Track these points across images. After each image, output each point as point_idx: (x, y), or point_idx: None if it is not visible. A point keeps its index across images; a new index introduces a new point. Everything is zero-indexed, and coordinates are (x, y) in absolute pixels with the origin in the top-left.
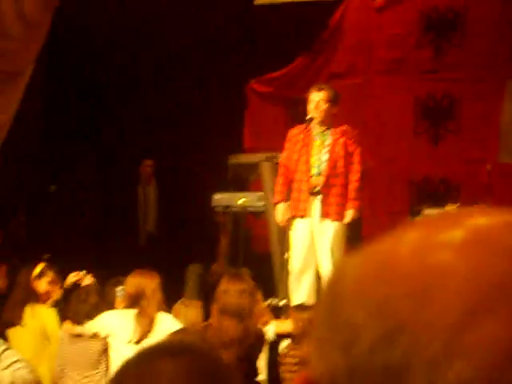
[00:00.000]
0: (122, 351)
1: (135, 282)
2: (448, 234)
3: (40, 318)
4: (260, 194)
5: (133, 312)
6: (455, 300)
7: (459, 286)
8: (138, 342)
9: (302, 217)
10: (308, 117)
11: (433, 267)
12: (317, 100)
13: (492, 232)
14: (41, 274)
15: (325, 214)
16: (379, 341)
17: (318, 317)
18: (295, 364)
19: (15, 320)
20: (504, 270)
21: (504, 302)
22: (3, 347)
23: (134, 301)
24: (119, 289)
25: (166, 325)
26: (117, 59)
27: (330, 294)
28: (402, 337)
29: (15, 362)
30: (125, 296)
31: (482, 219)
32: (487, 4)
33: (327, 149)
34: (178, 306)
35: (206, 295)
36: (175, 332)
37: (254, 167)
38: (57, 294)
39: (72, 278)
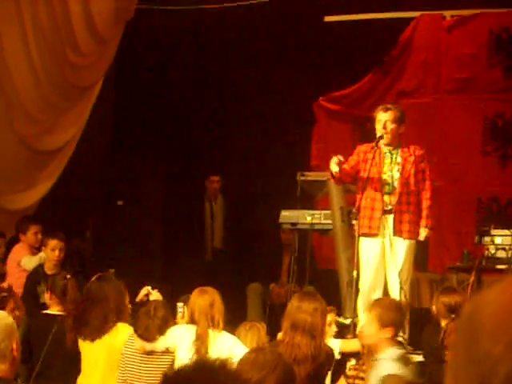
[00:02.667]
0: None
1: (194, 299)
2: None
3: (116, 333)
4: (327, 211)
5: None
6: None
7: None
8: None
9: (374, 235)
10: (378, 135)
11: None
12: (384, 120)
13: None
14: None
15: (398, 232)
16: None
17: (455, 348)
18: (361, 381)
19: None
20: None
21: None
22: None
23: (192, 318)
24: (180, 305)
25: (226, 344)
26: (187, 72)
27: (467, 326)
28: None
29: None
30: (186, 313)
31: None
32: None
33: (398, 167)
34: (240, 328)
35: (266, 313)
36: (253, 350)
37: (322, 184)
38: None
39: (143, 292)
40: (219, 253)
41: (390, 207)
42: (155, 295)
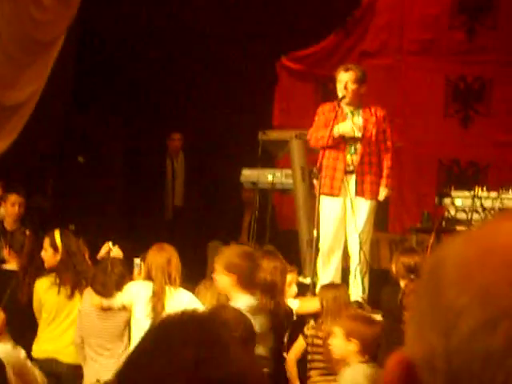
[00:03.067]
0: (142, 324)
1: (151, 256)
2: None
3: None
4: (288, 171)
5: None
6: None
7: None
8: (154, 319)
9: (336, 195)
10: (340, 95)
11: None
12: (345, 80)
13: None
14: None
15: (360, 193)
16: (482, 326)
17: (417, 300)
18: (320, 340)
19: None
20: None
21: None
22: None
23: (148, 275)
24: (137, 260)
25: (183, 301)
26: (148, 30)
27: (430, 277)
28: (506, 323)
29: None
30: (143, 269)
31: None
32: None
33: (360, 127)
34: (200, 287)
35: None
36: (215, 307)
37: (284, 144)
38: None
39: (105, 249)
40: (180, 210)
41: (351, 167)
42: (116, 251)
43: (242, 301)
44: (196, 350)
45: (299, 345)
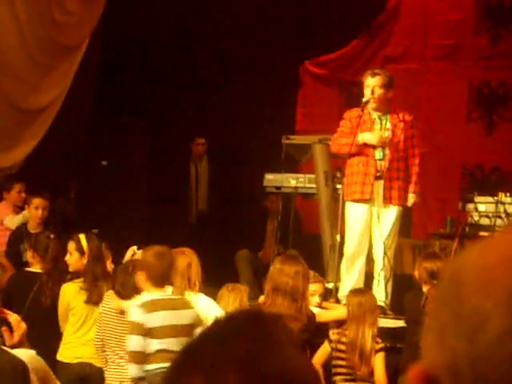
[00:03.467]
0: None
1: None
2: None
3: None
4: (311, 175)
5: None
6: None
7: None
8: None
9: (366, 201)
10: (364, 99)
11: None
12: (372, 85)
13: None
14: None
15: (387, 199)
16: (509, 330)
17: (437, 308)
18: (343, 346)
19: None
20: None
21: None
22: None
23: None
24: None
25: (202, 306)
26: (174, 35)
27: (450, 285)
28: None
29: None
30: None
31: None
32: None
33: (388, 133)
34: (222, 290)
35: (256, 278)
36: (235, 312)
37: (307, 148)
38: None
39: (130, 253)
40: (203, 215)
41: (380, 173)
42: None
43: (147, 296)
44: (248, 344)
45: (324, 349)
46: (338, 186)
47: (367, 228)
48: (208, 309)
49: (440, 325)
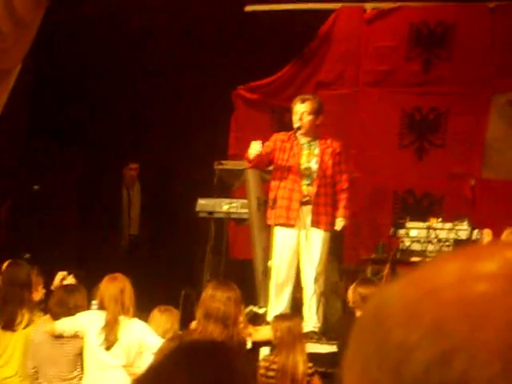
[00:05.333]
0: (95, 353)
1: (104, 286)
2: (485, 265)
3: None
4: (244, 201)
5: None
6: (509, 324)
7: (511, 311)
8: (107, 348)
9: (292, 226)
10: (296, 125)
11: (481, 293)
12: (301, 111)
13: None
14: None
15: (315, 224)
16: (435, 360)
17: (361, 339)
18: (273, 372)
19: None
20: None
21: None
22: None
23: (102, 305)
24: (94, 302)
25: (137, 331)
26: (104, 61)
27: (373, 318)
28: (460, 356)
29: None
30: (97, 299)
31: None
32: (476, 20)
33: (316, 159)
34: (154, 312)
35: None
36: (172, 339)
37: (239, 173)
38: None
39: (59, 277)
40: (135, 240)
41: (307, 198)
42: (70, 281)
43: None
44: (216, 374)
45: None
46: (270, 211)
47: (295, 254)
48: (144, 336)
49: (364, 357)
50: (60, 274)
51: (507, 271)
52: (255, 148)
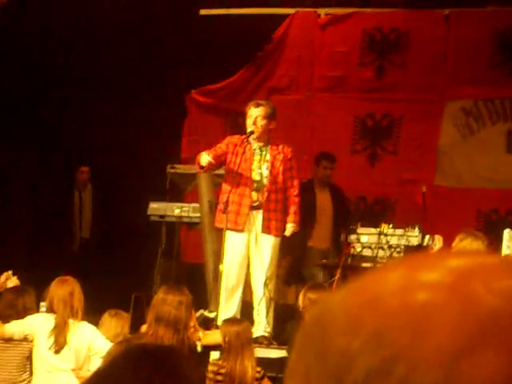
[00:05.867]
0: (44, 357)
1: (53, 289)
2: (427, 274)
3: None
4: (196, 205)
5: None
6: (451, 332)
7: (452, 319)
8: (56, 352)
9: (240, 231)
10: (249, 131)
11: (422, 302)
12: (255, 116)
13: (466, 272)
14: None
15: (266, 229)
16: (376, 368)
17: (303, 347)
18: (221, 377)
19: None
20: (488, 303)
21: (495, 332)
22: None
23: (51, 308)
24: (43, 304)
25: (86, 334)
26: (57, 60)
27: (316, 325)
28: (400, 365)
29: None
30: (46, 302)
31: (456, 261)
32: (429, 27)
33: (267, 164)
34: (104, 316)
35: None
36: (120, 342)
37: (192, 177)
38: None
39: (3, 277)
40: (86, 243)
41: (257, 203)
42: (14, 281)
43: None
44: (163, 378)
45: None
46: (220, 215)
47: (245, 258)
48: (93, 339)
49: (306, 364)
50: (5, 274)
51: (449, 280)
52: (204, 160)
